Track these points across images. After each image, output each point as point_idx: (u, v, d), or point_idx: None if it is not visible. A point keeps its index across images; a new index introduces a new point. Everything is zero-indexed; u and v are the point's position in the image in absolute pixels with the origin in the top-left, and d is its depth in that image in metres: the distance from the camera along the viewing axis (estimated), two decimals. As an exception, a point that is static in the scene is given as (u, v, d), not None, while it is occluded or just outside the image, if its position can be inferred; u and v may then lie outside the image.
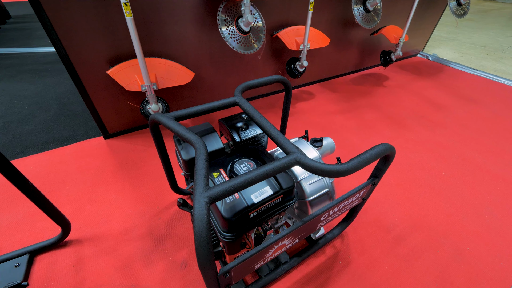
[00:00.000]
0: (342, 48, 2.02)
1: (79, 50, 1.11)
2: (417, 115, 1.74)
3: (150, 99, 1.19)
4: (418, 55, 2.78)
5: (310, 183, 0.77)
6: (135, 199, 1.07)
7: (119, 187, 1.13)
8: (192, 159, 0.74)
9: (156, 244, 0.91)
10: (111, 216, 1.00)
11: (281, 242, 0.60)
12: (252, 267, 0.60)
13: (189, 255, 0.88)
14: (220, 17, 1.23)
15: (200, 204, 0.45)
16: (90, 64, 1.16)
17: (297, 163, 0.56)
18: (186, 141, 0.61)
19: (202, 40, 1.37)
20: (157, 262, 0.86)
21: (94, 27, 1.09)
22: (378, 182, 0.75)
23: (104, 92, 1.27)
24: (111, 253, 0.88)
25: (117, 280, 0.81)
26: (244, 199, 0.60)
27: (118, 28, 1.13)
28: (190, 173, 0.76)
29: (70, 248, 0.89)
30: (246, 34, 1.29)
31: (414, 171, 1.28)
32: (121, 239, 0.92)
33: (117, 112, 1.37)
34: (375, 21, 1.71)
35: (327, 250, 0.92)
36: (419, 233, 0.99)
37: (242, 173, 0.64)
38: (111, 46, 1.16)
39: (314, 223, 0.66)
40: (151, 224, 0.98)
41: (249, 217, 0.61)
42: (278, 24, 1.57)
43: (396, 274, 0.86)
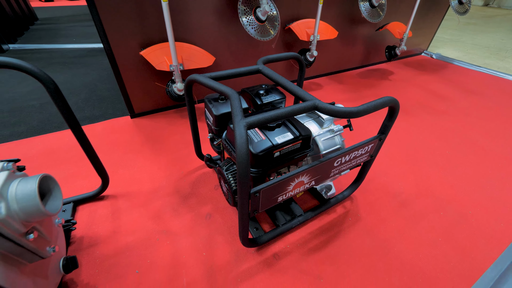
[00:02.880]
0: (349, 43, 2.14)
1: (117, 35, 1.25)
2: (421, 104, 1.83)
3: (176, 78, 1.31)
4: (422, 53, 2.88)
5: (324, 139, 0.86)
6: (161, 165, 1.18)
7: (146, 156, 1.24)
8: (222, 115, 0.85)
9: (183, 200, 1.01)
10: (141, 178, 1.11)
11: (300, 178, 0.70)
12: (275, 198, 0.70)
13: (213, 209, 0.98)
14: (241, 8, 1.36)
15: (240, 128, 0.55)
16: (125, 47, 1.30)
17: (315, 107, 0.67)
18: (220, 93, 0.71)
19: (221, 29, 1.50)
20: (184, 214, 0.96)
21: (130, 14, 1.23)
22: (385, 138, 0.84)
23: (134, 74, 1.40)
24: (143, 206, 0.98)
25: (150, 226, 0.91)
26: (270, 140, 0.71)
27: (149, 15, 1.28)
28: (220, 128, 0.87)
29: (107, 201, 0.99)
30: (263, 23, 1.42)
31: (419, 149, 1.36)
32: (151, 196, 1.03)
33: (144, 93, 1.50)
34: (380, 15, 1.83)
35: (338, 209, 1.01)
36: (424, 199, 1.07)
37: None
38: (143, 31, 1.30)
39: (328, 167, 0.75)
40: (177, 184, 1.08)
41: (273, 155, 0.71)
42: (290, 18, 1.70)
43: (403, 231, 0.93)
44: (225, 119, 0.86)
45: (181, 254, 0.82)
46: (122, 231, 0.89)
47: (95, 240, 0.85)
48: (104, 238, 0.85)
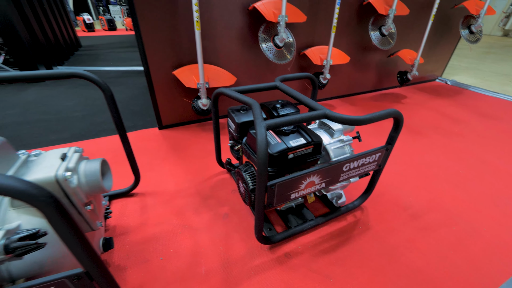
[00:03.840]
0: (361, 68, 2.27)
1: (154, 58, 1.46)
2: (435, 126, 1.87)
3: (202, 94, 1.48)
4: (436, 80, 2.95)
5: (334, 148, 0.95)
6: (184, 170, 1.30)
7: (171, 162, 1.37)
8: (243, 123, 0.97)
9: (203, 201, 1.11)
10: (166, 180, 1.23)
11: (312, 177, 0.78)
12: (288, 195, 0.78)
13: (229, 210, 1.06)
14: (261, 36, 1.56)
15: (261, 128, 0.66)
16: (160, 68, 1.51)
17: (325, 115, 0.77)
18: (243, 102, 0.84)
19: (242, 54, 1.69)
20: (204, 213, 1.05)
21: (167, 41, 1.45)
22: (391, 149, 0.91)
23: (165, 91, 1.60)
24: (168, 204, 1.09)
25: (173, 221, 1.00)
26: (285, 143, 0.81)
27: (182, 42, 1.49)
28: (240, 134, 0.99)
29: (136, 198, 1.11)
30: (280, 49, 1.60)
31: (431, 168, 1.39)
32: (175, 196, 1.13)
33: (171, 108, 1.68)
34: (390, 43, 1.96)
35: (348, 218, 1.05)
36: (435, 213, 1.09)
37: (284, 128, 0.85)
38: (176, 54, 1.51)
39: (338, 171, 0.83)
40: (198, 187, 1.19)
41: (288, 157, 0.81)
42: (305, 45, 1.87)
43: (413, 241, 0.96)
44: (246, 127, 0.98)
45: (200, 247, 0.90)
46: (149, 223, 0.98)
47: (125, 229, 0.95)
48: (133, 228, 0.96)
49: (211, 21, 1.49)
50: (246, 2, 1.53)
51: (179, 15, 1.41)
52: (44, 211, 0.38)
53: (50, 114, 1.94)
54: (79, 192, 0.58)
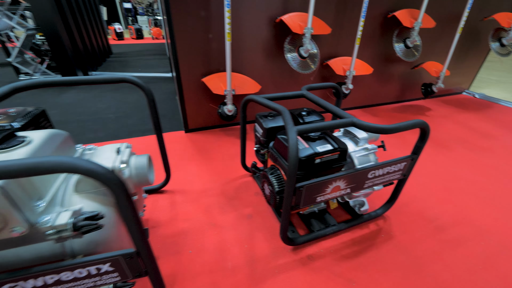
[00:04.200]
0: (383, 79, 2.27)
1: (186, 66, 1.57)
2: (462, 140, 1.82)
3: (228, 101, 1.56)
4: (463, 93, 2.87)
5: (359, 155, 0.97)
6: (210, 171, 1.37)
7: (197, 163, 1.44)
8: (270, 128, 1.02)
9: (227, 201, 1.16)
10: (193, 180, 1.30)
11: (338, 182, 0.81)
12: (314, 197, 0.81)
13: (253, 211, 1.11)
14: (286, 46, 1.62)
15: (293, 133, 0.71)
16: (190, 75, 1.61)
17: (352, 123, 0.80)
18: (273, 109, 0.89)
19: (267, 63, 1.77)
20: (229, 212, 1.10)
21: (198, 51, 1.55)
22: (416, 159, 0.92)
23: (193, 96, 1.70)
24: (195, 202, 1.15)
25: (201, 218, 1.06)
26: (312, 148, 0.85)
27: (212, 52, 1.59)
28: (267, 139, 1.04)
29: (166, 195, 1.18)
30: (304, 59, 1.65)
31: (457, 182, 1.36)
32: (201, 195, 1.20)
33: (198, 113, 1.77)
34: (415, 55, 1.96)
35: (371, 226, 1.06)
36: (462, 227, 1.07)
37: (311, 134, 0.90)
38: (206, 63, 1.61)
39: (363, 177, 0.85)
40: (222, 188, 1.24)
41: (315, 161, 0.84)
42: (328, 55, 1.92)
43: (438, 253, 0.95)
44: (273, 132, 1.03)
45: (226, 243, 0.95)
46: (179, 218, 1.05)
47: (157, 223, 1.02)
48: (164, 222, 1.02)
49: (239, 32, 1.58)
50: (273, 15, 1.62)
51: (211, 28, 1.51)
52: (115, 191, 0.45)
53: (86, 115, 2.10)
54: (129, 183, 0.65)
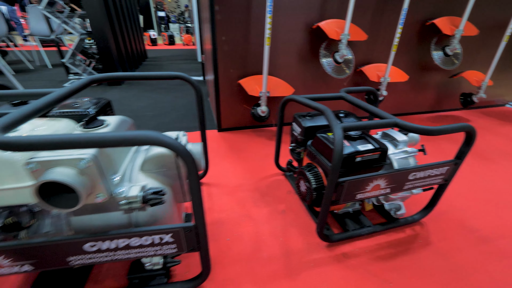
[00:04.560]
0: (419, 87, 2.22)
1: (224, 69, 1.67)
2: (505, 153, 1.71)
3: (262, 102, 1.63)
4: (507, 105, 2.69)
5: (398, 158, 0.97)
6: (243, 169, 1.43)
7: (231, 160, 1.51)
8: (309, 127, 1.06)
9: (261, 197, 1.20)
10: (227, 175, 1.36)
11: (378, 180, 0.82)
12: (354, 194, 0.83)
13: (287, 208, 1.14)
14: (322, 52, 1.66)
15: (338, 130, 0.74)
16: (227, 77, 1.71)
17: (395, 123, 0.82)
18: (315, 108, 0.93)
19: (300, 68, 1.82)
20: (263, 207, 1.14)
21: (237, 55, 1.65)
22: (460, 164, 0.90)
23: (228, 98, 1.78)
24: (230, 195, 1.21)
25: (236, 210, 1.11)
26: (353, 147, 0.87)
27: (249, 56, 1.67)
28: (305, 138, 1.07)
29: (204, 187, 1.26)
30: (339, 64, 1.68)
31: (502, 195, 1.28)
32: (236, 189, 1.25)
33: (231, 113, 1.85)
34: (454, 63, 1.90)
35: (407, 231, 1.04)
36: (508, 240, 1.01)
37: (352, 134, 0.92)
38: (242, 66, 1.70)
39: (404, 178, 0.86)
40: (256, 185, 1.29)
41: (355, 159, 0.86)
42: (362, 62, 1.93)
43: (483, 263, 0.91)
44: (311, 131, 1.07)
45: (261, 235, 0.99)
46: (215, 209, 1.11)
47: (197, 211, 1.09)
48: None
49: (276, 38, 1.65)
50: (310, 22, 1.67)
51: (250, 34, 1.60)
52: (188, 164, 0.52)
53: (127, 112, 2.28)
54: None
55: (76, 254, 0.60)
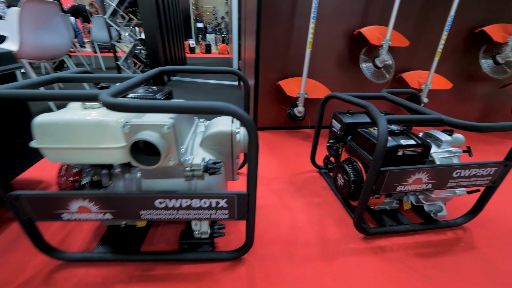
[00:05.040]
0: (463, 97, 2.12)
1: (264, 71, 1.78)
2: None
3: (300, 103, 1.70)
4: None
5: (441, 157, 0.97)
6: (278, 164, 1.49)
7: (266, 156, 1.59)
8: (349, 123, 1.10)
9: (296, 189, 1.26)
10: (263, 168, 1.44)
11: (420, 174, 0.83)
12: (395, 186, 0.85)
13: (322, 201, 1.17)
14: (362, 57, 1.70)
15: (383, 122, 0.78)
16: (266, 79, 1.81)
17: (440, 120, 0.83)
18: (358, 104, 0.97)
19: (338, 72, 1.86)
20: (298, 198, 1.19)
21: (277, 58, 1.75)
22: (511, 166, 0.87)
23: (266, 98, 1.89)
24: (267, 185, 1.28)
25: (272, 198, 1.18)
26: (396, 141, 0.89)
27: (289, 59, 1.76)
28: (345, 134, 1.12)
29: (242, 175, 1.34)
30: (379, 69, 1.70)
31: (560, 210, 1.18)
32: (272, 181, 1.32)
33: (267, 113, 1.95)
34: (506, 72, 1.80)
35: (448, 234, 1.01)
36: None
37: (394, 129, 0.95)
38: (282, 69, 1.80)
39: (447, 175, 0.85)
40: (291, 179, 1.35)
41: (397, 153, 0.89)
42: (402, 68, 1.91)
43: (534, 275, 0.85)
44: (351, 127, 1.11)
45: (297, 222, 1.03)
46: (254, 195, 1.18)
47: (237, 195, 1.17)
48: (243, 196, 1.17)
49: (317, 43, 1.73)
50: (351, 29, 1.72)
51: (292, 39, 1.70)
52: (251, 133, 0.60)
53: (172, 109, 2.50)
54: (238, 146, 0.81)
55: (147, 209, 0.71)
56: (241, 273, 0.81)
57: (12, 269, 0.79)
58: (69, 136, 0.66)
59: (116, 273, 0.79)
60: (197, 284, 0.77)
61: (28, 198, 0.67)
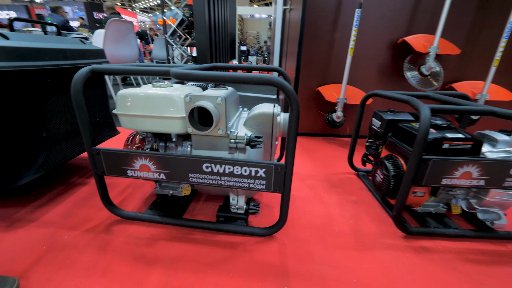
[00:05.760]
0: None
1: (304, 78, 1.86)
2: None
3: (339, 108, 1.71)
4: None
5: (496, 157, 0.89)
6: (314, 164, 1.50)
7: (302, 156, 1.61)
8: (390, 120, 1.09)
9: (332, 187, 1.24)
10: (299, 166, 1.46)
11: (469, 167, 0.78)
12: (440, 178, 0.80)
13: (358, 199, 1.14)
14: (406, 65, 1.68)
15: (426, 110, 0.77)
16: (305, 86, 1.89)
17: (492, 111, 0.79)
18: (400, 99, 0.97)
19: (379, 80, 1.85)
20: (333, 195, 1.18)
21: (317, 66, 1.82)
22: None
23: (304, 104, 1.94)
24: (301, 180, 1.29)
25: (306, 191, 1.19)
26: (441, 134, 0.86)
27: (330, 67, 1.82)
28: (386, 131, 1.10)
29: (277, 171, 1.38)
30: (425, 77, 1.64)
31: None
32: (307, 177, 1.33)
33: (304, 120, 1.99)
34: None
35: (509, 246, 0.89)
36: None
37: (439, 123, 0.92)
38: (321, 76, 1.86)
39: (503, 172, 0.78)
40: (326, 177, 1.34)
41: (442, 145, 0.85)
42: (452, 78, 1.81)
43: None
44: (392, 124, 1.09)
45: (332, 214, 1.02)
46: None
47: (272, 185, 1.22)
48: (277, 186, 1.21)
49: (358, 52, 1.76)
50: (394, 38, 1.73)
51: (334, 48, 1.77)
52: (293, 105, 0.66)
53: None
54: (277, 128, 0.88)
55: (195, 172, 0.80)
56: (273, 248, 0.83)
57: (81, 219, 0.94)
58: (143, 105, 0.81)
59: (161, 233, 0.88)
60: (231, 251, 0.81)
61: (104, 153, 0.82)
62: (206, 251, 0.81)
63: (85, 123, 0.79)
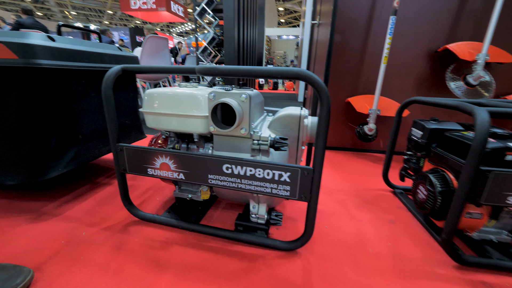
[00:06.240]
0: None
1: (333, 90, 1.79)
2: None
3: (371, 120, 1.59)
4: None
5: None
6: (344, 178, 1.38)
7: (330, 170, 1.50)
8: (433, 129, 0.96)
9: (364, 203, 1.11)
10: (326, 179, 1.35)
11: (548, 185, 0.63)
12: (503, 195, 0.66)
13: (396, 219, 1.00)
14: (448, 75, 1.53)
15: (483, 113, 0.66)
16: (335, 97, 1.80)
17: None
18: (444, 105, 0.86)
19: (416, 92, 1.70)
20: (366, 212, 1.05)
21: (346, 77, 1.75)
22: None
23: (331, 118, 1.85)
24: (328, 194, 1.18)
25: (334, 206, 1.07)
26: (503, 143, 0.72)
27: (360, 78, 1.73)
28: (428, 141, 0.97)
29: (302, 183, 1.29)
30: (473, 87, 1.47)
31: None
32: (335, 191, 1.22)
33: (332, 133, 1.89)
34: None
35: None
36: None
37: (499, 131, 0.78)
38: (350, 86, 1.77)
39: None
40: (357, 193, 1.21)
41: (505, 157, 0.71)
42: (506, 91, 1.61)
43: None
44: (436, 134, 0.96)
45: (365, 233, 0.90)
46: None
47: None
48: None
49: (393, 61, 1.66)
50: (434, 46, 1.61)
51: (365, 56, 1.69)
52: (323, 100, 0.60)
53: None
54: (304, 131, 0.81)
55: (215, 173, 0.75)
56: (296, 264, 0.73)
57: (101, 217, 0.94)
58: (168, 103, 0.80)
59: (176, 237, 0.84)
60: (249, 263, 0.73)
61: (127, 150, 0.81)
62: (222, 261, 0.74)
63: (112, 119, 0.80)
